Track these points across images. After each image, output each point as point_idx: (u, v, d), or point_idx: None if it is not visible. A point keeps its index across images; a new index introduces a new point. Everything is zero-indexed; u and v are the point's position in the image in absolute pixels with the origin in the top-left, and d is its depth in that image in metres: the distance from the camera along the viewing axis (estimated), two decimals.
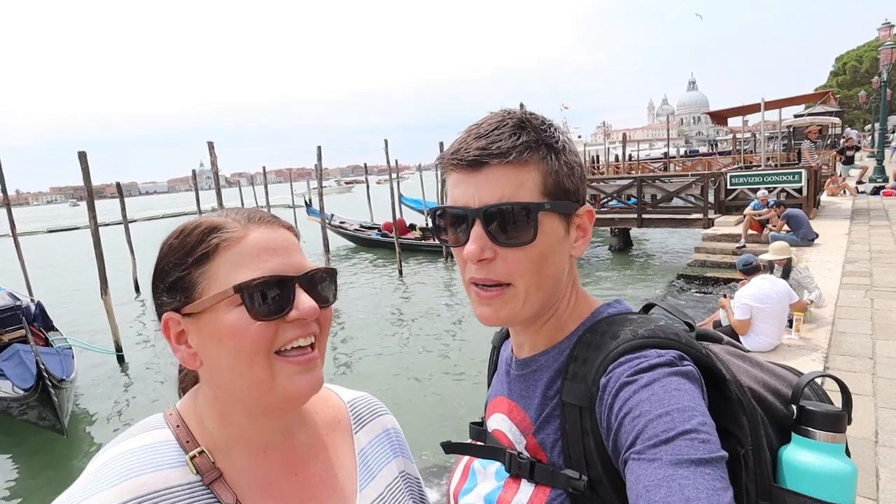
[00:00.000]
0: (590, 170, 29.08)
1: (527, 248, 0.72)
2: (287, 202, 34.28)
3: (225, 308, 0.69)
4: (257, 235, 0.72)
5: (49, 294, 11.81)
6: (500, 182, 0.71)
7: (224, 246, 0.71)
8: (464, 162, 0.72)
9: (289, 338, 0.71)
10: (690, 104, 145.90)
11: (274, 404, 0.73)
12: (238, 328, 0.68)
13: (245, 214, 0.76)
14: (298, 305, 0.70)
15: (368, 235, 21.01)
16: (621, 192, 15.41)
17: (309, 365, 0.72)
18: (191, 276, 0.71)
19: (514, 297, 0.74)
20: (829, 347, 5.30)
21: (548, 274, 0.75)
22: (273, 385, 0.70)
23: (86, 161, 9.65)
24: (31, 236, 42.56)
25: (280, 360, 0.70)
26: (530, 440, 0.77)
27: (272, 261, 0.71)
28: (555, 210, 0.73)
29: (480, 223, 0.72)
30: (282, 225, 0.77)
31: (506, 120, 0.74)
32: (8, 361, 7.85)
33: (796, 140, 26.20)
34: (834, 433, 0.71)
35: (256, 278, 0.69)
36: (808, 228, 10.40)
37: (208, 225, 0.73)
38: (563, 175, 0.74)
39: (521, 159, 0.71)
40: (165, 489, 0.68)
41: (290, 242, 0.76)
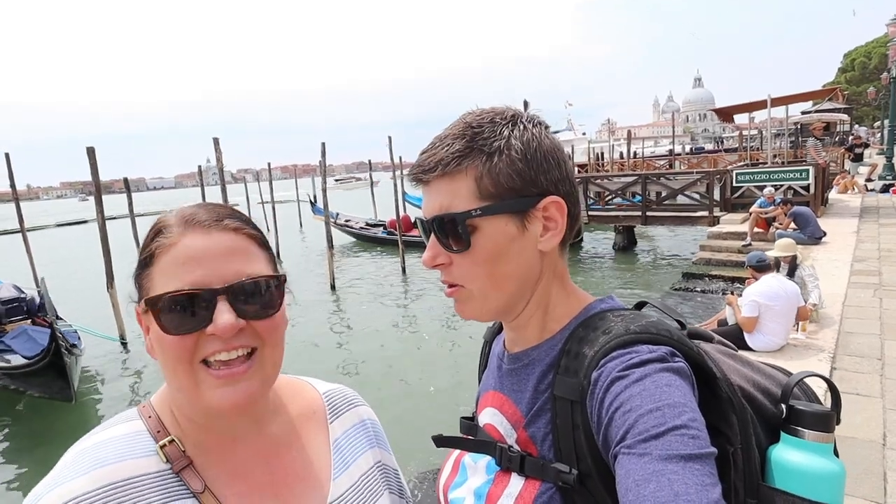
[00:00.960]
0: (594, 167, 28.98)
1: (468, 254, 0.75)
2: (292, 198, 34.38)
3: (152, 315, 0.70)
4: (188, 242, 0.71)
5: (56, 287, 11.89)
6: (438, 194, 0.76)
7: (160, 252, 0.72)
8: (411, 179, 0.79)
9: (210, 351, 0.70)
10: (696, 101, 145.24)
11: (204, 411, 0.73)
12: (159, 337, 0.70)
13: (186, 216, 0.74)
14: (216, 321, 0.68)
15: (374, 233, 20.98)
16: (626, 190, 15.34)
17: (231, 379, 0.70)
18: (141, 276, 0.74)
19: (469, 297, 0.78)
20: (837, 348, 5.27)
21: (504, 274, 0.75)
22: (197, 394, 0.71)
23: (94, 156, 9.71)
24: (41, 230, 42.93)
25: (204, 370, 0.70)
26: (521, 434, 0.78)
27: (195, 272, 0.69)
28: (494, 213, 0.73)
29: (433, 233, 0.77)
30: (224, 228, 0.73)
31: (452, 129, 0.77)
32: (16, 339, 8.07)
33: (803, 137, 26.00)
34: (823, 433, 0.71)
35: (167, 293, 0.68)
36: (816, 226, 10.33)
37: (156, 228, 0.74)
38: (500, 175, 0.73)
39: (451, 170, 0.74)
40: (136, 476, 0.70)
41: (228, 248, 0.72)
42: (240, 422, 0.78)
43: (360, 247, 20.75)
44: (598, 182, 16.24)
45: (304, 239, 24.69)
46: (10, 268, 13.61)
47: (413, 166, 0.79)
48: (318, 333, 10.20)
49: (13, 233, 26.52)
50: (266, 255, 0.78)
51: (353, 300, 12.62)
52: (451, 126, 0.77)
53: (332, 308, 12.16)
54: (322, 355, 9.03)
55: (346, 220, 22.30)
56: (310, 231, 26.10)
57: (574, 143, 34.34)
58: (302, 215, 29.66)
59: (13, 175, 13.00)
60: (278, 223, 21.79)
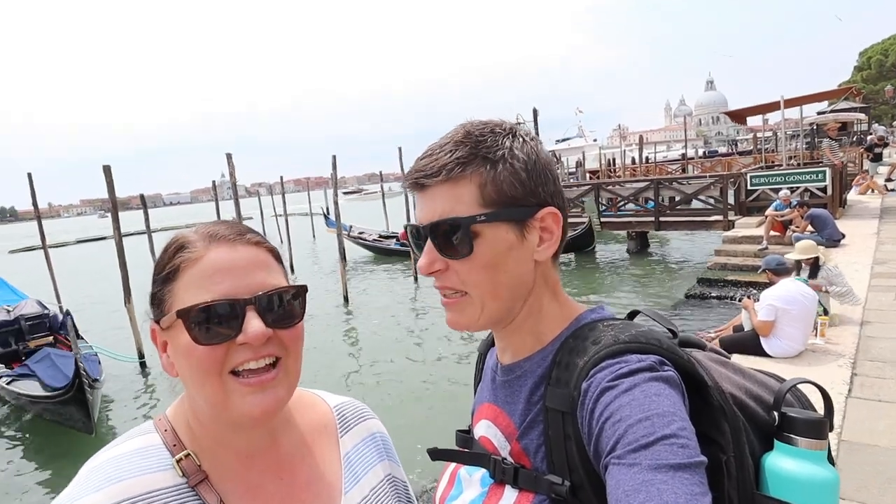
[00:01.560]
0: (606, 173, 28.84)
1: (468, 259, 0.74)
2: (305, 210, 34.66)
3: (179, 328, 0.71)
4: (214, 256, 0.73)
5: (76, 303, 12.13)
6: (439, 200, 0.75)
7: (184, 266, 0.73)
8: (409, 185, 0.78)
9: (240, 360, 0.71)
10: (708, 104, 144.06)
11: (232, 421, 0.74)
12: (188, 349, 0.71)
13: (209, 232, 0.76)
14: (246, 330, 0.70)
15: (387, 245, 20.99)
16: (638, 195, 15.25)
17: (262, 386, 0.72)
18: (161, 292, 0.75)
19: (469, 304, 0.77)
20: (857, 353, 5.15)
21: (501, 282, 0.76)
22: (227, 404, 0.72)
23: (110, 175, 9.92)
24: (62, 248, 43.81)
25: (234, 380, 0.71)
26: (514, 446, 0.78)
27: (225, 283, 0.72)
28: (496, 220, 0.74)
29: (430, 239, 0.76)
30: (247, 242, 0.77)
31: (451, 136, 0.77)
32: (39, 364, 8.14)
33: (819, 138, 25.63)
34: (816, 440, 0.70)
35: (199, 304, 0.70)
36: (834, 228, 10.15)
37: (177, 243, 0.75)
38: (504, 183, 0.74)
39: (454, 175, 0.74)
40: (152, 492, 0.71)
41: (252, 260, 0.75)
42: (256, 435, 0.79)
43: (373, 259, 20.80)
44: (610, 188, 16.17)
45: (317, 252, 24.86)
46: (33, 284, 13.88)
47: (411, 171, 0.78)
48: (331, 345, 10.24)
49: (36, 249, 27.10)
50: (282, 268, 0.81)
51: (365, 312, 12.64)
52: (450, 134, 0.77)
53: (344, 320, 12.19)
54: (333, 367, 9.04)
55: (359, 232, 22.35)
56: (323, 244, 26.28)
57: (585, 149, 34.15)
58: (315, 228, 29.90)
59: (35, 194, 13.31)
60: (291, 236, 21.98)
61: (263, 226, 28.08)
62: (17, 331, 9.18)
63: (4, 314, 9.33)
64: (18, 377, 7.96)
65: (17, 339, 9.13)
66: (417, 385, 8.03)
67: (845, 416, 4.00)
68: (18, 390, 7.57)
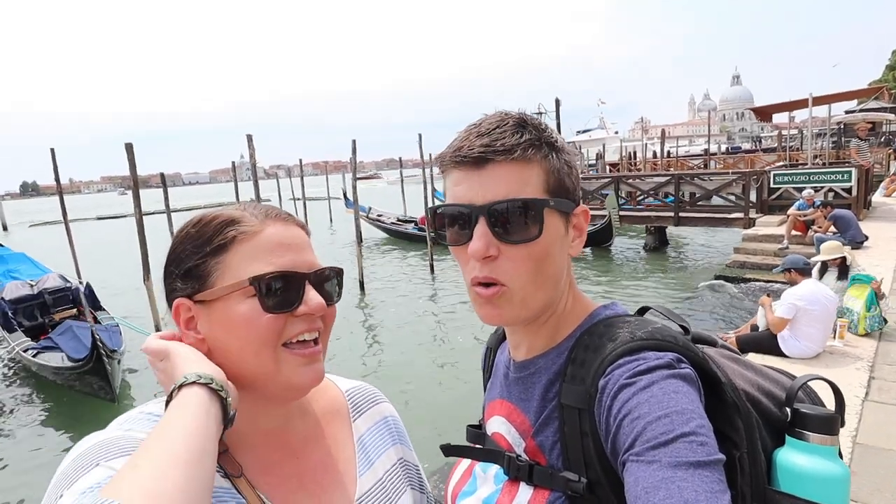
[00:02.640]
0: (626, 166, 28.52)
1: (531, 245, 0.72)
2: (323, 194, 34.84)
3: (237, 298, 0.72)
4: (273, 231, 0.76)
5: (95, 278, 12.38)
6: (505, 179, 0.71)
7: (241, 238, 0.74)
8: (468, 159, 0.72)
9: (296, 331, 0.74)
10: (734, 99, 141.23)
11: (276, 394, 0.77)
12: (250, 318, 0.72)
13: (262, 210, 0.79)
14: (308, 301, 0.74)
15: (405, 229, 20.99)
16: (658, 190, 15.06)
17: (313, 358, 0.76)
18: (206, 264, 0.75)
19: (512, 296, 0.74)
20: (876, 357, 5.08)
21: (548, 273, 0.75)
22: (277, 375, 0.74)
23: (132, 152, 10.03)
24: (82, 223, 44.67)
25: (286, 351, 0.74)
26: (529, 443, 0.78)
27: (286, 256, 0.75)
28: (557, 208, 0.74)
29: (485, 220, 0.71)
30: (295, 223, 0.81)
31: (506, 119, 0.74)
32: (62, 336, 8.37)
33: (846, 137, 25.02)
34: (827, 436, 0.70)
35: (271, 272, 0.72)
36: (857, 230, 9.95)
37: (226, 217, 0.76)
38: (563, 174, 0.75)
39: (525, 157, 0.71)
40: None
41: (303, 240, 0.80)
42: (276, 414, 0.81)
43: (389, 243, 20.87)
44: (629, 182, 15.99)
45: (334, 235, 25.03)
46: (54, 257, 14.19)
47: (470, 146, 0.71)
48: (344, 328, 10.32)
49: (56, 224, 27.67)
50: None
51: (380, 296, 12.71)
52: (500, 117, 0.74)
53: (358, 304, 12.27)
54: (346, 350, 9.14)
55: (378, 214, 22.39)
56: (340, 227, 26.44)
57: (606, 141, 33.86)
58: (332, 212, 30.05)
59: (58, 169, 13.55)
60: (309, 220, 22.14)
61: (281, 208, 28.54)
62: (42, 304, 9.42)
63: (28, 288, 9.55)
64: (43, 349, 8.18)
65: (42, 313, 9.37)
66: (429, 372, 8.08)
67: (861, 420, 3.96)
68: (43, 362, 7.80)
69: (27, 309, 9.27)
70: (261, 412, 0.79)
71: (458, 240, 0.76)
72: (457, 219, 0.75)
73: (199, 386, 0.66)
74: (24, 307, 9.25)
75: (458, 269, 0.80)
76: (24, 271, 10.76)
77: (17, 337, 8.62)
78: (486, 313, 0.76)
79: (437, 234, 0.80)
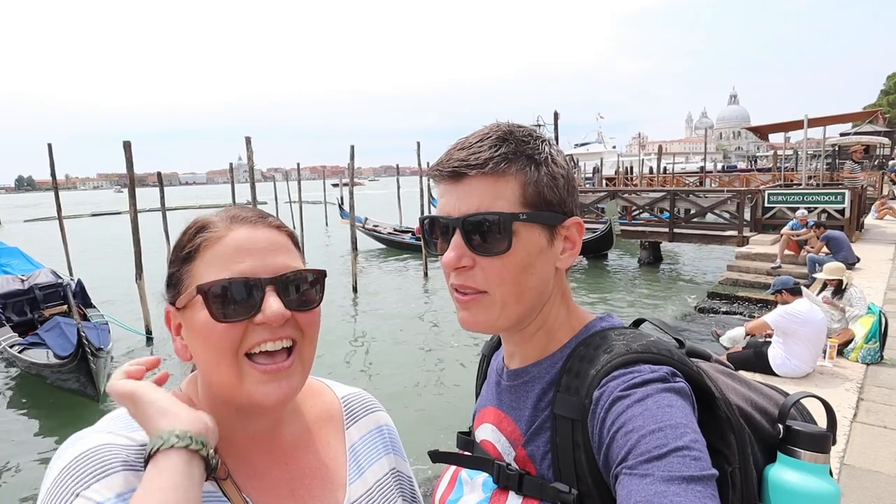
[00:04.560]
0: (622, 181, 28.67)
1: (503, 257, 0.73)
2: (319, 199, 34.80)
3: (197, 307, 0.71)
4: (236, 235, 0.74)
5: (88, 275, 12.29)
6: (478, 192, 0.73)
7: (205, 245, 0.73)
8: (444, 173, 0.75)
9: (256, 340, 0.71)
10: (731, 118, 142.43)
11: (243, 405, 0.74)
12: (204, 327, 0.70)
13: (231, 213, 0.77)
14: (265, 309, 0.70)
15: (402, 239, 20.77)
16: (653, 205, 15.14)
17: (277, 375, 0.72)
18: (180, 272, 0.75)
19: (490, 304, 0.75)
20: (865, 378, 5.11)
21: (528, 284, 0.75)
22: (241, 388, 0.72)
23: (129, 151, 10.02)
24: (77, 219, 44.38)
25: (248, 364, 0.71)
26: (519, 452, 0.77)
27: (245, 262, 0.72)
28: (534, 221, 0.74)
29: (459, 232, 0.74)
30: (268, 224, 0.78)
31: (490, 132, 0.76)
32: (49, 332, 8.28)
33: (841, 159, 25.27)
34: (819, 454, 0.71)
35: (219, 280, 0.70)
36: (849, 251, 10.03)
37: (198, 224, 0.76)
38: (543, 186, 0.75)
39: (499, 170, 0.73)
40: None
41: (273, 242, 0.76)
42: (262, 421, 0.79)
43: (386, 253, 20.72)
44: (625, 196, 16.08)
45: (330, 240, 24.96)
46: (46, 253, 14.07)
47: (447, 160, 0.75)
48: (337, 335, 10.28)
49: (51, 220, 27.51)
50: (300, 254, 0.81)
51: (374, 305, 12.68)
52: (487, 130, 0.76)
53: (352, 311, 12.24)
54: (339, 356, 9.09)
55: (374, 225, 22.21)
56: (335, 233, 26.38)
57: (603, 155, 33.95)
58: (328, 216, 30.00)
59: (54, 164, 13.50)
60: (305, 223, 22.07)
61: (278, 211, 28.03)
62: (32, 300, 9.32)
63: (19, 283, 9.46)
64: (30, 345, 8.10)
65: (32, 308, 9.28)
66: (421, 380, 8.04)
67: (849, 441, 3.97)
68: (29, 358, 7.72)
69: (17, 304, 9.17)
70: (247, 417, 0.78)
71: (439, 250, 0.79)
72: (439, 230, 0.78)
73: (178, 450, 0.62)
74: (14, 302, 9.15)
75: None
76: (16, 266, 10.65)
77: (5, 332, 8.53)
78: (462, 318, 0.78)
79: (426, 244, 0.83)
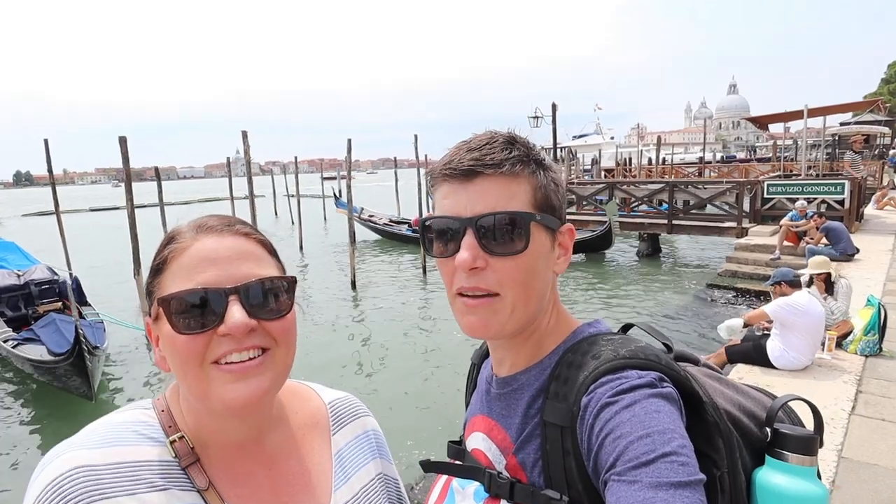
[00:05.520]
0: (621, 172, 28.62)
1: (517, 257, 0.73)
2: (317, 192, 34.76)
3: (163, 319, 0.71)
4: (200, 246, 0.73)
5: (85, 270, 12.29)
6: (492, 192, 0.72)
7: (172, 257, 0.73)
8: (458, 171, 0.73)
9: (222, 352, 0.70)
10: (730, 108, 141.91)
11: (217, 409, 0.73)
12: (168, 339, 0.71)
13: (198, 223, 0.77)
14: (227, 320, 0.69)
15: (398, 230, 20.90)
16: (652, 197, 15.12)
17: (244, 373, 0.71)
18: (152, 284, 0.75)
19: (501, 307, 0.74)
20: (864, 371, 5.11)
21: (534, 287, 0.75)
22: (209, 394, 0.71)
23: (125, 146, 9.97)
24: (75, 214, 44.37)
25: (215, 368, 0.71)
26: (510, 460, 0.77)
27: (208, 272, 0.71)
28: (543, 223, 0.75)
29: (473, 232, 0.72)
30: (235, 232, 0.76)
31: (496, 137, 0.76)
32: (45, 329, 8.25)
33: (841, 149, 25.24)
34: (806, 456, 0.71)
35: (178, 291, 0.70)
36: (849, 242, 10.04)
37: (169, 235, 0.76)
38: (550, 190, 0.76)
39: (513, 171, 0.73)
40: (144, 461, 0.71)
41: (239, 251, 0.75)
42: (243, 426, 0.78)
43: (382, 244, 20.79)
44: (624, 188, 16.06)
45: (328, 233, 24.98)
46: (44, 249, 14.05)
47: (460, 159, 0.73)
48: (333, 330, 10.28)
49: (49, 214, 27.48)
50: (275, 261, 0.80)
51: (372, 298, 12.67)
52: (490, 134, 0.76)
53: (350, 306, 12.23)
54: (333, 353, 9.05)
55: (369, 215, 22.29)
56: (333, 225, 26.39)
57: (602, 147, 33.86)
58: (326, 209, 30.00)
59: (51, 160, 13.45)
60: (303, 216, 22.07)
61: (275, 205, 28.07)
62: (27, 295, 9.32)
63: (14, 278, 9.45)
64: (24, 341, 8.07)
65: (26, 304, 9.27)
66: (415, 382, 7.96)
67: (847, 434, 3.97)
68: (23, 354, 7.67)
69: (11, 299, 9.16)
70: (226, 423, 0.77)
71: (443, 252, 0.76)
72: (444, 231, 0.75)
73: None
74: (9, 297, 9.14)
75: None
76: (13, 261, 10.62)
77: None
78: (470, 322, 0.75)
79: (424, 246, 0.80)
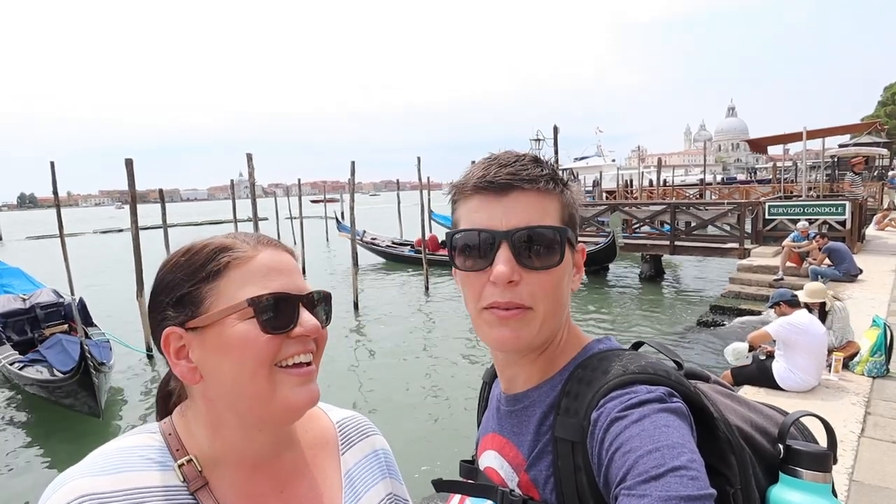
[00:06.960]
0: (623, 194, 28.73)
1: (551, 271, 0.75)
2: (319, 213, 34.88)
3: (233, 321, 0.73)
4: (265, 256, 0.78)
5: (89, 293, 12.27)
6: (527, 207, 0.74)
7: (234, 264, 0.76)
8: (494, 185, 0.75)
9: (290, 352, 0.75)
10: (729, 130, 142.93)
11: (272, 417, 0.76)
12: (246, 339, 0.73)
13: (254, 237, 0.82)
14: (302, 322, 0.76)
15: (401, 252, 20.84)
16: (654, 218, 15.16)
17: (308, 377, 0.77)
18: (199, 291, 0.75)
19: (532, 319, 0.75)
20: (871, 392, 5.05)
21: (562, 301, 0.78)
22: (273, 396, 0.74)
23: (131, 168, 10.08)
24: (80, 236, 44.49)
25: (281, 372, 0.75)
26: (522, 477, 0.78)
27: (278, 280, 0.77)
28: (573, 240, 0.78)
29: (508, 245, 0.73)
30: (285, 249, 0.83)
31: (524, 155, 0.79)
32: (50, 349, 8.26)
33: (840, 170, 25.36)
34: (820, 472, 0.71)
35: (268, 293, 0.74)
36: (852, 263, 10.01)
37: (218, 244, 0.78)
38: (574, 209, 0.80)
39: (547, 188, 0.76)
40: (151, 487, 0.71)
41: (292, 265, 0.82)
42: (268, 442, 0.80)
43: (385, 266, 20.74)
44: (626, 210, 16.11)
45: (330, 255, 24.98)
46: (48, 272, 14.08)
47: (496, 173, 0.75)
48: (337, 352, 10.21)
49: (53, 237, 27.58)
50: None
51: (375, 320, 12.60)
52: (517, 153, 0.79)
53: (353, 328, 12.15)
54: (338, 374, 9.00)
55: (371, 238, 22.31)
56: (335, 247, 26.41)
57: (603, 169, 34.09)
58: (329, 231, 30.08)
59: (56, 183, 13.56)
60: (305, 238, 22.11)
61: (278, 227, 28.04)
62: (33, 319, 9.32)
63: (20, 303, 9.48)
64: (30, 363, 8.05)
65: (32, 327, 9.27)
66: (422, 399, 7.94)
67: (857, 457, 3.91)
68: (29, 375, 7.66)
69: (17, 323, 9.17)
70: (251, 442, 0.78)
71: (473, 266, 0.76)
72: (475, 245, 0.76)
73: None
74: (15, 321, 9.16)
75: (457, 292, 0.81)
76: (18, 286, 10.66)
77: (5, 350, 8.49)
78: (502, 335, 0.75)
79: (450, 260, 0.80)
